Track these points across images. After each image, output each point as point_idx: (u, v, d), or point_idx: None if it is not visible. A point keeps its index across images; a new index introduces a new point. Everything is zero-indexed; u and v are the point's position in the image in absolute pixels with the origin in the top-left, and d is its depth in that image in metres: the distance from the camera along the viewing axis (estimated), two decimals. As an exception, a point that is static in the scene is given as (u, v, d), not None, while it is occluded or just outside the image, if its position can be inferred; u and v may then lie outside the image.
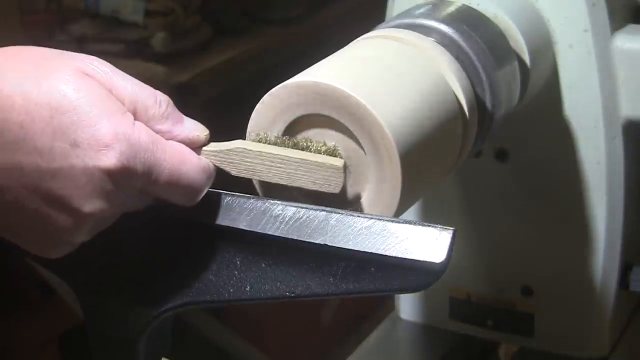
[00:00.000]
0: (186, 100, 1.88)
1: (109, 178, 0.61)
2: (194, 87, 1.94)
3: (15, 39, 0.66)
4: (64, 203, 0.61)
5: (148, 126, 0.63)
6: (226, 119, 1.45)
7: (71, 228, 0.63)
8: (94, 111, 0.60)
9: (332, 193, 0.67)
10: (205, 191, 0.65)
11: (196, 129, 0.66)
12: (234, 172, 0.67)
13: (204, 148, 0.66)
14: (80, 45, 2.00)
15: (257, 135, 0.69)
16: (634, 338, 1.08)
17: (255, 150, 0.66)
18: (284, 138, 0.69)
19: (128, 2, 2.02)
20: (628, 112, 0.96)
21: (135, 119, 0.63)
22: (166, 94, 0.66)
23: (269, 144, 0.68)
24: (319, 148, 0.68)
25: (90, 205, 0.61)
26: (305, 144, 0.68)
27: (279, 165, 0.66)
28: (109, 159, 0.60)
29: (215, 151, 0.66)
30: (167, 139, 0.64)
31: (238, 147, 0.66)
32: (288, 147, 0.68)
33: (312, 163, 0.66)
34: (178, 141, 0.64)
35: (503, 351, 1.15)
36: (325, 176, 0.66)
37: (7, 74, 0.61)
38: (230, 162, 0.66)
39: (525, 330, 1.07)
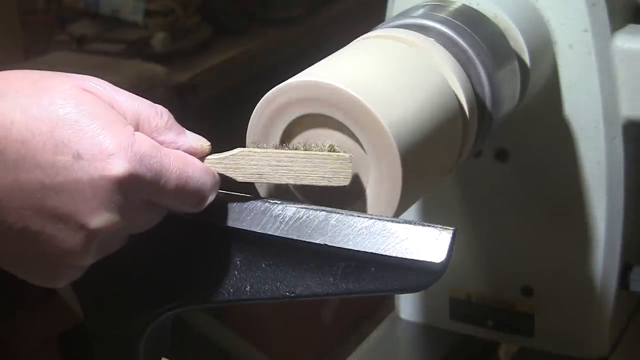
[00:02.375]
0: (186, 100, 1.88)
1: (117, 188, 0.59)
2: (194, 87, 1.94)
3: (15, 39, 0.65)
4: (70, 220, 0.59)
5: (152, 137, 0.62)
6: (226, 119, 1.45)
7: (79, 248, 0.60)
8: (95, 123, 0.59)
9: (341, 186, 0.66)
10: (213, 195, 0.64)
11: (199, 139, 0.65)
12: (239, 178, 0.66)
13: (207, 157, 0.65)
14: (80, 45, 2.00)
15: (256, 144, 0.69)
16: (634, 338, 1.08)
17: (261, 151, 0.66)
18: (282, 146, 0.69)
19: (128, 2, 2.02)
20: (628, 112, 0.96)
21: (139, 131, 0.62)
22: (166, 94, 0.65)
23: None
24: (320, 148, 0.68)
25: (98, 219, 0.59)
26: (304, 147, 0.68)
27: (286, 164, 0.66)
28: (116, 167, 0.58)
29: (220, 158, 0.65)
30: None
31: (242, 151, 0.66)
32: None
33: (319, 156, 0.66)
34: (182, 151, 0.63)
35: (503, 351, 1.15)
36: (334, 168, 0.66)
37: (6, 92, 0.59)
38: (236, 168, 0.66)
39: (525, 330, 1.07)
